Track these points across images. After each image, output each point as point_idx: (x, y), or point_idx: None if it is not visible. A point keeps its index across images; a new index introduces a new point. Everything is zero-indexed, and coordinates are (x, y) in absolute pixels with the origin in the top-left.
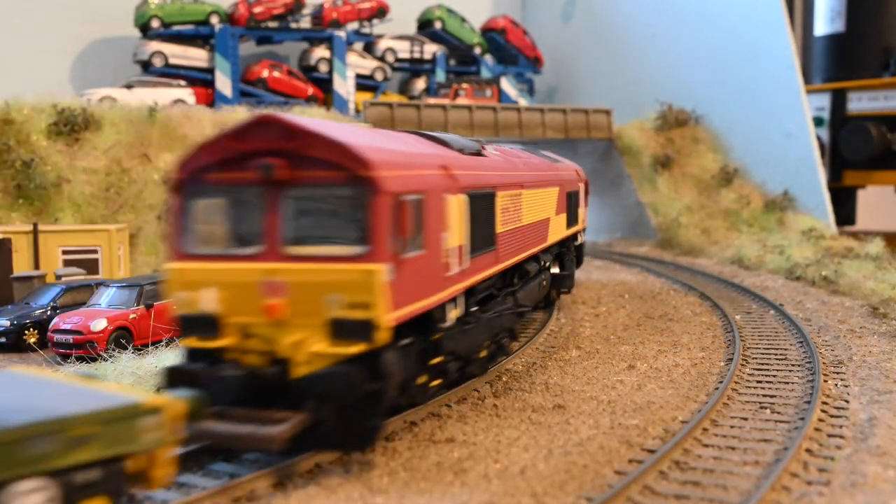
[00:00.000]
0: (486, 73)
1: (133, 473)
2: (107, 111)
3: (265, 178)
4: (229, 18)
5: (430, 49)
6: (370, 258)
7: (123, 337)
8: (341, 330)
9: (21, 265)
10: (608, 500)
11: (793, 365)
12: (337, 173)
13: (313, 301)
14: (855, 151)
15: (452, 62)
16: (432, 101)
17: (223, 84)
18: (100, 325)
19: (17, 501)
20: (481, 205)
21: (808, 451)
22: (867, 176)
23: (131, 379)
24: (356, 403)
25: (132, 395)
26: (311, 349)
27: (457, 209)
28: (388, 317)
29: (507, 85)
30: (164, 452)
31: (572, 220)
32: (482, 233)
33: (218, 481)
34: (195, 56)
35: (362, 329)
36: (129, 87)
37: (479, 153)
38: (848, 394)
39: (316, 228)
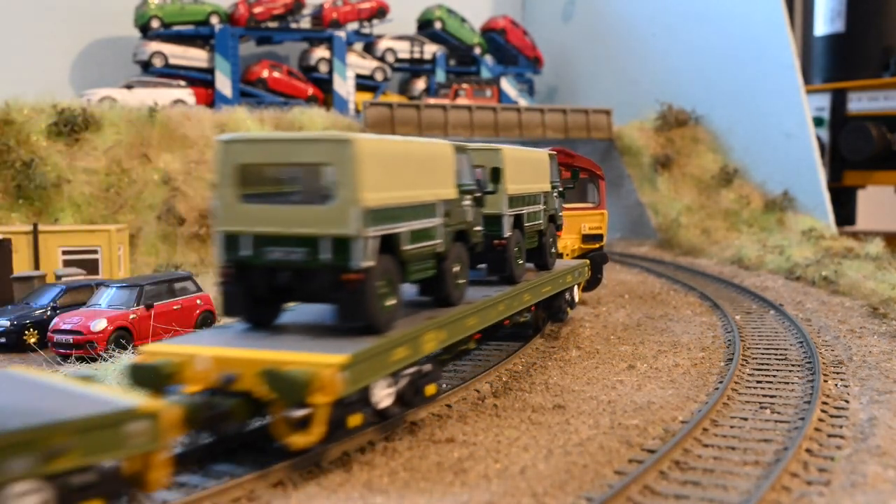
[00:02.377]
0: (486, 74)
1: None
2: (107, 111)
3: None
4: (229, 19)
5: (430, 49)
6: (599, 208)
7: (123, 337)
8: (588, 238)
9: (21, 265)
10: (608, 500)
11: (793, 365)
12: (587, 174)
13: (575, 226)
14: (855, 151)
15: (452, 62)
16: (432, 101)
17: (223, 84)
18: (100, 325)
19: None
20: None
21: (808, 451)
22: (867, 176)
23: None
24: (599, 266)
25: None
26: (573, 248)
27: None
28: (605, 233)
29: (507, 85)
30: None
31: None
32: None
33: (218, 481)
34: (195, 56)
35: (598, 237)
36: (129, 87)
37: None
38: (848, 394)
39: (575, 196)
